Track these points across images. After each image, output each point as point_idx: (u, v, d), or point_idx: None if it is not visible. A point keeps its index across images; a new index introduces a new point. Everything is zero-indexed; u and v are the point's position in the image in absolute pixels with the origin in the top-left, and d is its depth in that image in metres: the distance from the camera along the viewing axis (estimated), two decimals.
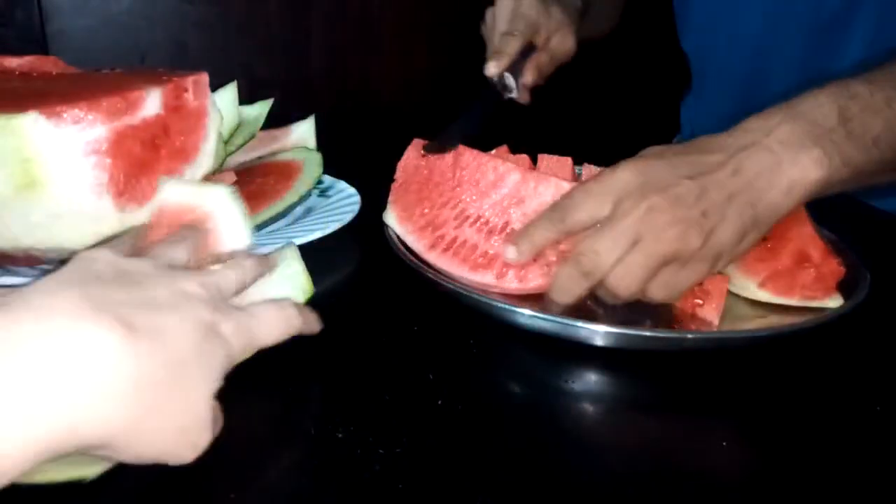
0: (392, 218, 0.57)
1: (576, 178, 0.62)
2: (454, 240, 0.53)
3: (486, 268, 0.50)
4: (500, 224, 0.52)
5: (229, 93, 0.59)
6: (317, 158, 0.64)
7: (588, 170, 0.63)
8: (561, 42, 0.80)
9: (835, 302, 0.50)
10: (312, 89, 1.62)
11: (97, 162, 0.46)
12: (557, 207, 0.48)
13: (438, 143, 0.59)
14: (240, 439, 0.38)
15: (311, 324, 0.42)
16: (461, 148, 0.57)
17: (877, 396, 0.44)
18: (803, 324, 0.47)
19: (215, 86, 0.56)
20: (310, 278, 0.44)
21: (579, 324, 0.45)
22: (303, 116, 0.69)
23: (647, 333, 0.45)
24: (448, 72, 1.80)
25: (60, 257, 0.49)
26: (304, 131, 0.68)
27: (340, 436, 0.37)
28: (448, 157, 0.57)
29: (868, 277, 0.52)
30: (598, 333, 0.45)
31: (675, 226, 0.44)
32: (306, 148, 0.66)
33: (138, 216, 0.50)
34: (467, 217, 0.54)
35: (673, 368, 0.46)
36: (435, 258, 0.52)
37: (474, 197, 0.54)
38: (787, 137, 0.46)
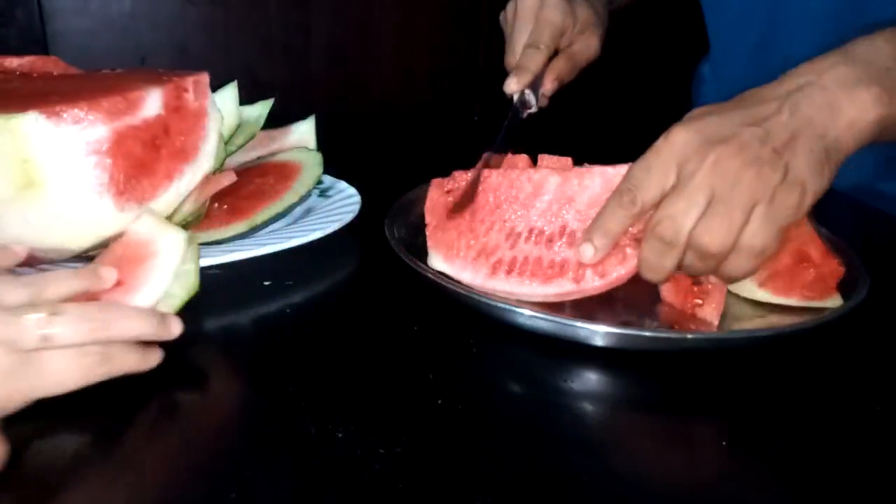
0: (438, 261, 0.53)
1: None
2: (514, 260, 0.50)
3: (560, 276, 0.49)
4: (556, 229, 0.50)
5: (229, 93, 0.59)
6: (317, 158, 0.64)
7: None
8: (585, 46, 0.74)
9: (835, 302, 0.50)
10: (312, 89, 1.62)
11: (97, 162, 0.46)
12: (622, 191, 0.46)
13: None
14: (240, 439, 0.38)
15: (167, 331, 0.41)
16: (484, 172, 0.55)
17: (877, 396, 0.44)
18: (803, 324, 0.47)
19: (215, 86, 0.56)
20: (198, 278, 0.44)
21: (579, 324, 0.45)
22: (303, 117, 0.69)
23: (647, 334, 0.45)
24: (448, 72, 1.80)
25: (61, 257, 0.49)
26: (304, 131, 0.68)
27: (340, 436, 0.37)
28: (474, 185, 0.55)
29: (868, 278, 0.52)
30: (598, 333, 0.45)
31: (747, 168, 0.43)
32: (306, 148, 0.66)
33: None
34: (518, 234, 0.52)
35: (673, 368, 0.46)
36: (501, 283, 0.50)
37: (519, 212, 0.52)
38: (843, 78, 0.46)
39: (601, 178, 0.50)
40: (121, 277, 0.42)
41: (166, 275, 0.43)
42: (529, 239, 0.51)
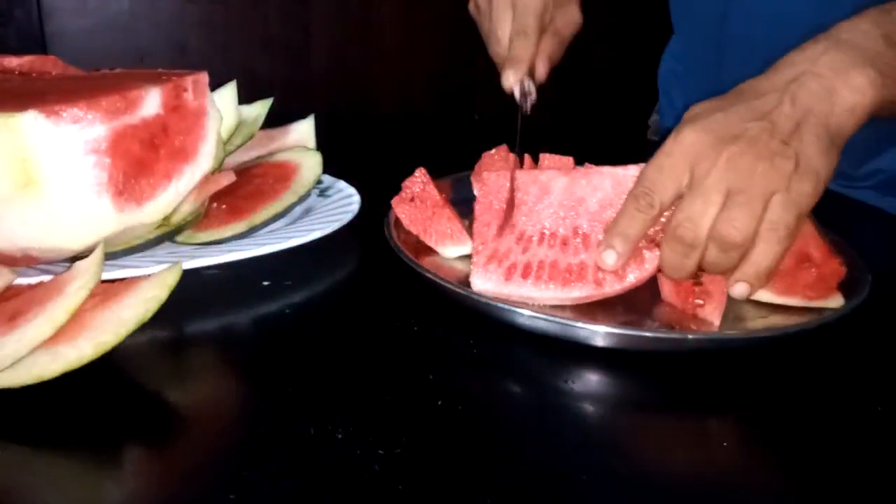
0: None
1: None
2: (528, 265, 0.50)
3: (580, 280, 0.48)
4: (569, 231, 0.50)
5: (229, 92, 0.59)
6: (316, 158, 0.63)
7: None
8: (567, 19, 0.72)
9: (836, 302, 0.50)
10: (312, 89, 1.62)
11: (96, 161, 0.46)
12: (638, 194, 0.47)
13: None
14: (240, 439, 0.38)
15: None
16: (484, 175, 0.55)
17: (878, 397, 0.44)
18: (804, 324, 0.47)
19: (214, 85, 0.56)
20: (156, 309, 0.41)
21: (579, 324, 0.45)
22: (302, 116, 0.69)
23: (648, 334, 0.45)
24: (448, 71, 1.80)
25: (59, 257, 0.49)
26: (303, 131, 0.68)
27: (340, 436, 0.37)
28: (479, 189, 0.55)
29: (869, 277, 0.52)
30: (599, 334, 0.45)
31: (760, 161, 0.44)
32: (305, 148, 0.66)
33: (137, 216, 0.49)
34: (530, 238, 0.51)
35: (673, 369, 0.46)
36: (517, 288, 0.49)
37: (527, 216, 0.52)
38: (836, 64, 0.47)
39: (611, 180, 0.50)
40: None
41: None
42: (542, 242, 0.51)
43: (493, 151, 0.65)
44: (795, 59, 0.48)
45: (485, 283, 0.50)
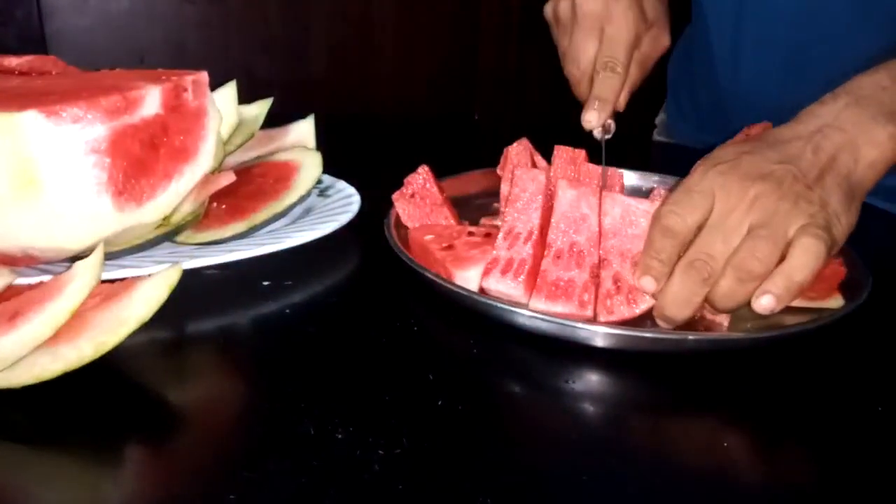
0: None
1: (588, 171, 0.61)
2: (510, 261, 0.49)
3: (566, 297, 0.48)
4: (566, 246, 0.49)
5: (228, 92, 0.59)
6: (316, 158, 0.63)
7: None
8: (654, 44, 0.67)
9: (836, 302, 0.50)
10: (312, 89, 1.62)
11: (96, 161, 0.46)
12: (664, 228, 0.46)
13: None
14: (240, 439, 0.38)
15: None
16: (516, 172, 0.53)
17: (878, 397, 0.44)
18: (805, 325, 0.47)
19: (214, 85, 0.56)
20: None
21: (579, 324, 0.45)
22: (302, 116, 0.69)
23: (648, 334, 0.45)
24: (448, 71, 1.80)
25: (59, 257, 0.49)
26: (303, 131, 0.68)
27: (340, 436, 0.37)
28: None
29: (870, 278, 0.52)
30: (599, 334, 0.45)
31: (785, 200, 0.45)
32: (305, 147, 0.66)
33: (137, 216, 0.49)
34: (517, 235, 0.51)
35: (674, 369, 0.46)
36: (494, 283, 0.49)
37: (517, 213, 0.51)
38: (857, 119, 0.48)
39: (622, 208, 0.50)
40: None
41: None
42: (529, 240, 0.50)
43: (514, 145, 0.64)
44: (817, 111, 0.49)
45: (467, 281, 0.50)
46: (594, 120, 0.62)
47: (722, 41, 0.85)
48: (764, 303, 0.44)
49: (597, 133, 0.63)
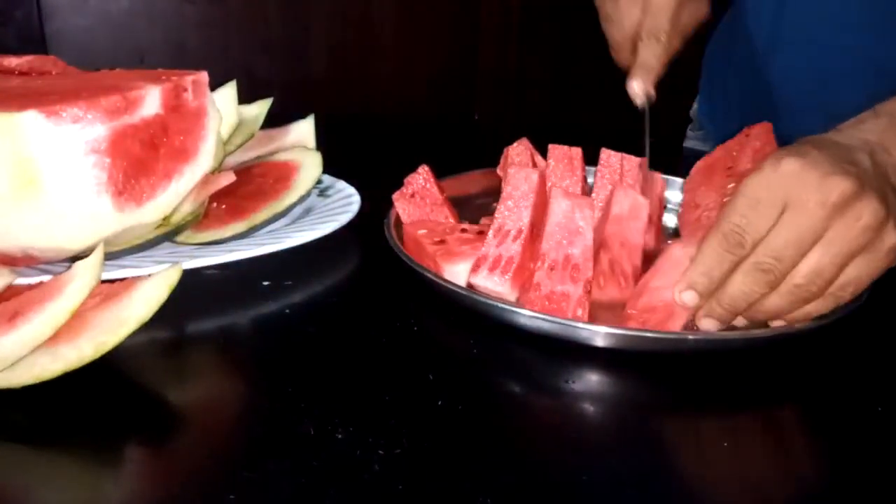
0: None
1: (583, 170, 0.61)
2: (498, 258, 0.49)
3: (558, 313, 0.46)
4: (560, 257, 0.48)
5: (228, 92, 0.59)
6: (316, 158, 0.63)
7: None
8: (695, 13, 0.66)
9: None
10: (312, 89, 1.63)
11: (96, 161, 0.46)
12: (727, 233, 0.44)
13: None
14: (240, 439, 0.38)
15: None
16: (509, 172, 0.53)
17: (878, 397, 0.44)
18: (805, 325, 0.47)
19: (214, 85, 0.56)
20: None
21: (579, 324, 0.45)
22: (302, 116, 0.69)
23: (648, 334, 0.45)
24: (448, 71, 1.80)
25: (59, 257, 0.49)
26: (303, 131, 0.68)
27: (340, 436, 0.37)
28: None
29: None
30: (599, 334, 0.45)
31: (865, 213, 0.42)
32: (305, 148, 0.66)
33: (137, 216, 0.49)
34: (507, 233, 0.50)
35: (674, 369, 0.46)
36: (483, 280, 0.49)
37: (509, 212, 0.51)
38: None
39: (630, 202, 0.51)
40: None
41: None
42: (518, 238, 0.50)
43: (514, 145, 0.64)
44: (860, 127, 0.48)
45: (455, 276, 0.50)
46: (639, 87, 0.63)
47: (759, 33, 0.83)
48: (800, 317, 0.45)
49: (640, 101, 0.64)
